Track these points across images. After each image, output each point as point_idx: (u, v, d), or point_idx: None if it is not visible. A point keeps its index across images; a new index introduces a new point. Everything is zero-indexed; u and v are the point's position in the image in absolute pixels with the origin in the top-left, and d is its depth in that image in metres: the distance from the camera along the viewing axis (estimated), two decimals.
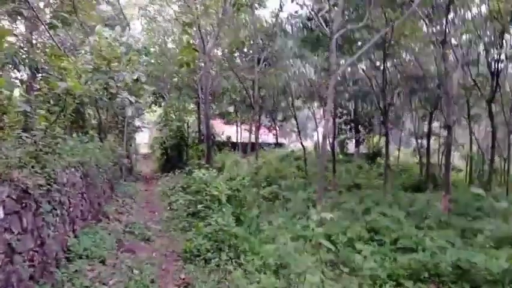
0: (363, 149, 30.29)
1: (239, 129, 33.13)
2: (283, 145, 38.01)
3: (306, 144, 26.15)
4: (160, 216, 10.24)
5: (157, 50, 21.06)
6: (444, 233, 9.85)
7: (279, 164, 22.48)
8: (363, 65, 21.67)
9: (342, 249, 8.13)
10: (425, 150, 21.53)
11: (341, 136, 29.06)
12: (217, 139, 28.55)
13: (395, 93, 17.82)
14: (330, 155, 18.21)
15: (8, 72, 8.79)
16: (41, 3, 10.56)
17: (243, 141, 31.44)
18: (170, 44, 22.47)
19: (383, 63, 16.67)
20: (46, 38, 12.06)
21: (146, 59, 19.64)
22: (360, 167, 24.67)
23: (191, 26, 13.82)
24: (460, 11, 15.45)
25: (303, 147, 22.62)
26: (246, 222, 8.78)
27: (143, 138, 32.16)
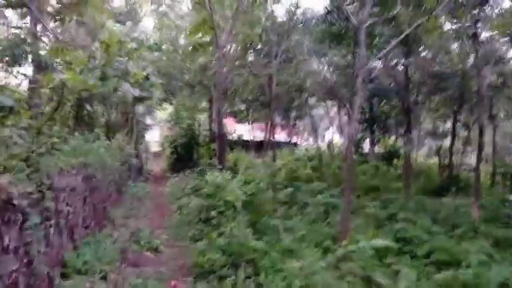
0: (377, 149, 29.23)
1: (251, 128, 32.37)
2: (297, 144, 37.04)
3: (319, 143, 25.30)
4: (169, 222, 9.55)
5: (169, 47, 20.41)
6: (478, 244, 8.99)
7: (293, 164, 21.61)
8: (381, 62, 20.70)
9: (369, 262, 7.26)
10: (443, 151, 20.52)
11: (358, 136, 28.04)
12: (228, 138, 27.88)
13: (421, 91, 16.81)
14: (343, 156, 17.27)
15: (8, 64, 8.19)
16: None
17: (255, 139, 30.73)
18: (182, 40, 21.81)
19: (404, 60, 15.73)
20: (51, 31, 11.49)
21: (157, 55, 19.11)
22: (377, 167, 23.66)
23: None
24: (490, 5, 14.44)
25: (318, 147, 21.81)
26: (263, 231, 7.99)
27: (154, 136, 31.69)
